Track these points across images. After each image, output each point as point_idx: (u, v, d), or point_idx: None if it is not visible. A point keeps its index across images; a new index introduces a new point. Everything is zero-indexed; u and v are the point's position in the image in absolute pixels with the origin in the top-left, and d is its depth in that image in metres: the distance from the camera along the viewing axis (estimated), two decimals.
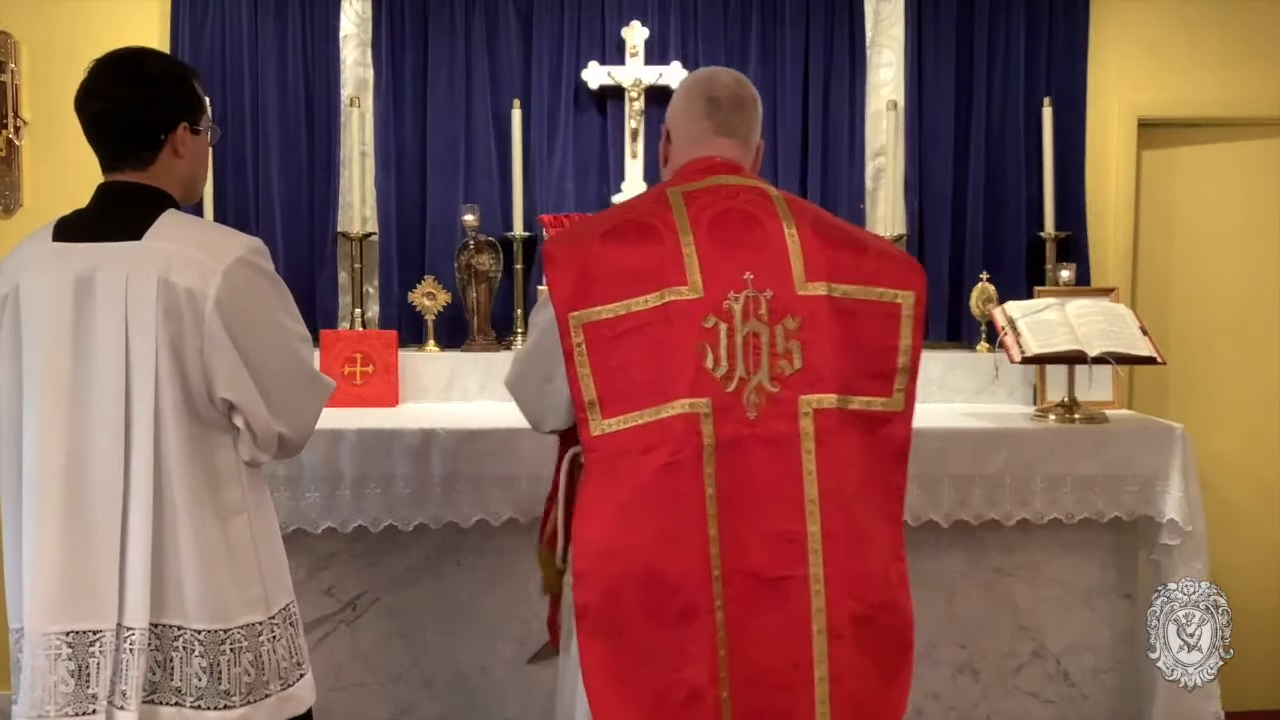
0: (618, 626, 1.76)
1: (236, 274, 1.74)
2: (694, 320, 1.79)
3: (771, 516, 1.77)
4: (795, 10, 3.58)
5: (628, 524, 1.77)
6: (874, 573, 1.82)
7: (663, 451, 1.76)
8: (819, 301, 1.82)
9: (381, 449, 2.85)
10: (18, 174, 3.52)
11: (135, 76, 1.81)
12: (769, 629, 1.76)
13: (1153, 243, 3.76)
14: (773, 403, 1.79)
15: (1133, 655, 3.10)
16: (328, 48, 3.54)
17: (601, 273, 1.82)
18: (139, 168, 1.81)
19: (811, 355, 1.81)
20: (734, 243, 1.84)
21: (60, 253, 1.75)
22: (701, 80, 2.07)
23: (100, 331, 1.71)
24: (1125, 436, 2.99)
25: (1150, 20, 3.67)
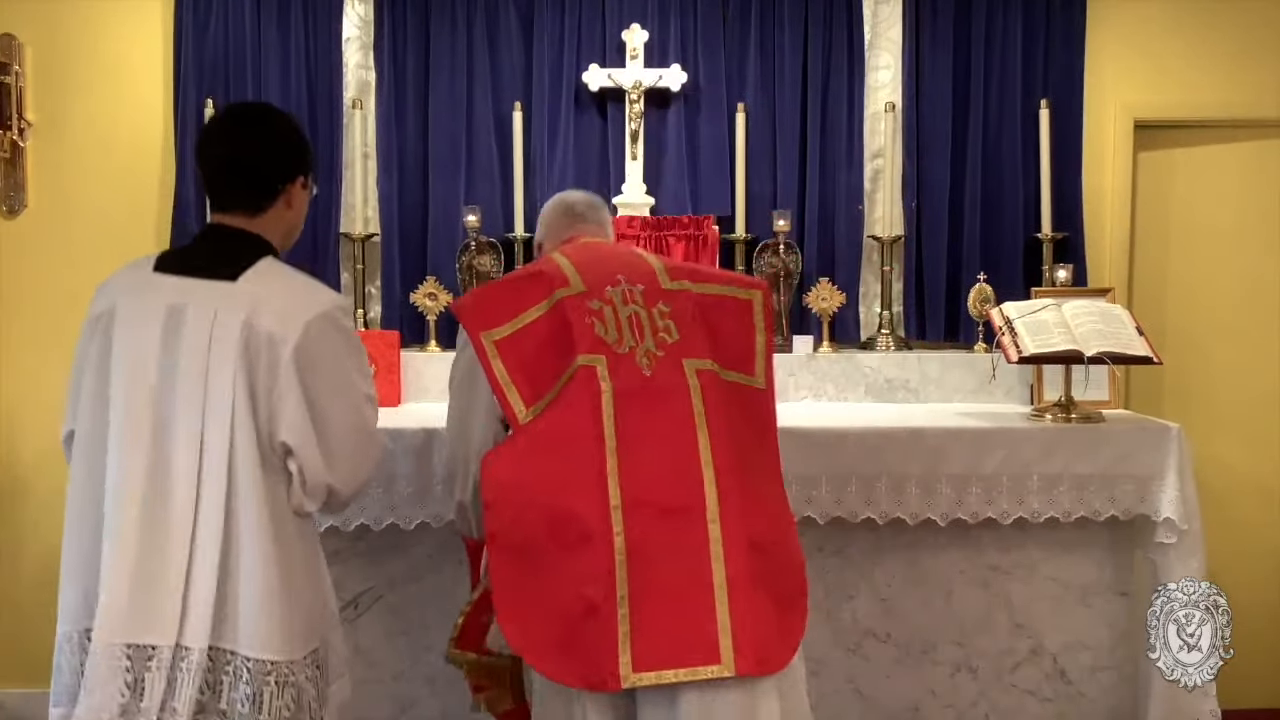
0: (524, 549, 1.95)
1: (318, 326, 1.81)
2: (582, 305, 2.07)
3: (669, 453, 1.97)
4: (794, 13, 3.60)
5: (532, 460, 1.99)
6: (766, 511, 2.03)
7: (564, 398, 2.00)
8: (684, 294, 2.13)
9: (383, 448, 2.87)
10: (22, 175, 3.54)
11: (266, 129, 1.90)
12: (669, 552, 1.91)
13: (1149, 243, 3.78)
14: (661, 363, 2.05)
15: (1130, 653, 3.11)
16: (330, 50, 3.56)
17: (497, 302, 2.13)
18: (250, 214, 1.88)
19: (684, 331, 2.09)
20: (603, 259, 2.20)
21: (158, 282, 1.83)
22: (556, 200, 2.47)
23: (184, 361, 1.78)
24: (1122, 436, 3.01)
25: (1147, 22, 3.69)
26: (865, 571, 3.09)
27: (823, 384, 3.46)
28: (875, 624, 3.10)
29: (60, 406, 3.43)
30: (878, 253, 3.65)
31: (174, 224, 3.49)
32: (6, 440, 3.56)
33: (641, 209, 3.54)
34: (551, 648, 1.90)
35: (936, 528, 2.99)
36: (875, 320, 3.65)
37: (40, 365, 3.54)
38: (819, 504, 2.93)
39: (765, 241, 3.56)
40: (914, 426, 2.98)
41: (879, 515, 2.95)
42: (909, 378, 3.47)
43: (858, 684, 3.10)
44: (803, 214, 3.61)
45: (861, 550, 3.08)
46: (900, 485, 2.94)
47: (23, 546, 3.53)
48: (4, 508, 3.55)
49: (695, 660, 1.86)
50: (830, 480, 2.93)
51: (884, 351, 3.53)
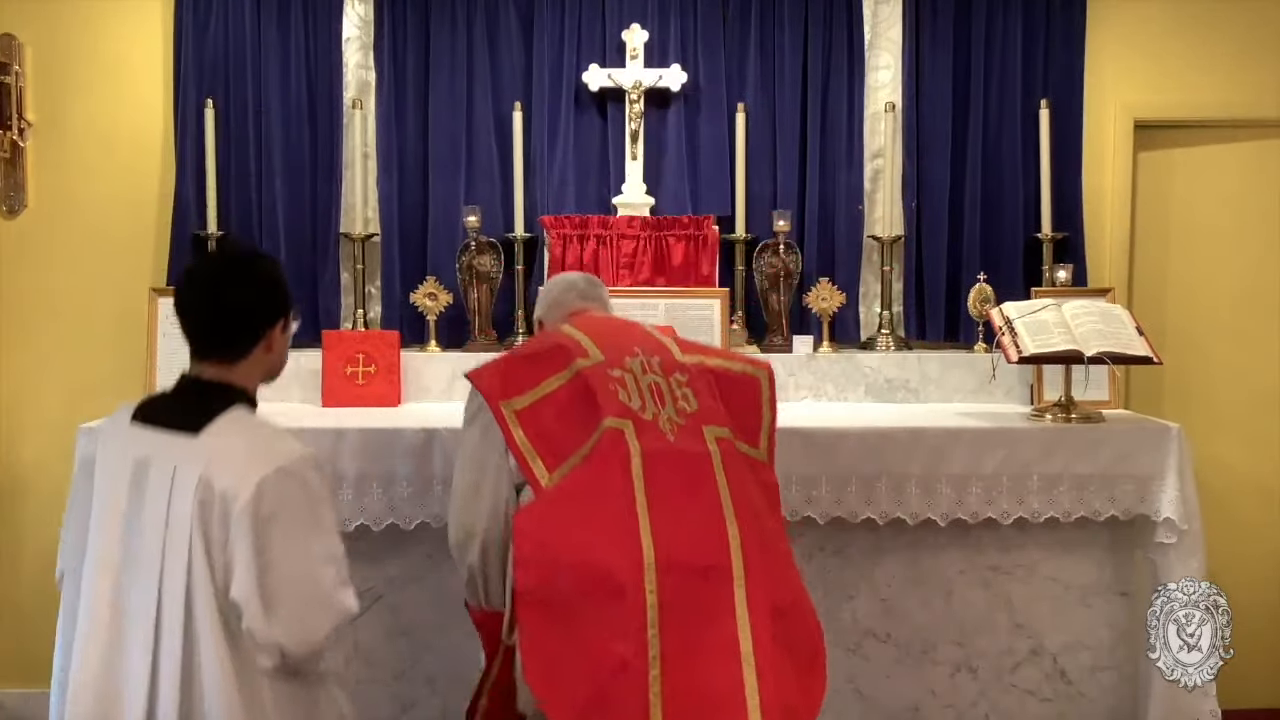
0: (555, 606, 1.95)
1: (272, 482, 1.75)
2: (603, 373, 2.14)
3: (697, 515, 2.01)
4: (794, 13, 3.60)
5: (564, 517, 2.01)
6: (784, 576, 2.09)
7: (594, 458, 2.04)
8: (699, 367, 2.24)
9: (383, 448, 2.88)
10: (22, 175, 3.54)
11: (244, 280, 1.88)
12: (699, 613, 1.93)
13: (1149, 243, 3.78)
14: (683, 430, 2.12)
15: (1130, 653, 3.11)
16: (330, 50, 3.56)
17: (517, 372, 2.18)
18: (227, 362, 1.88)
19: (703, 400, 2.18)
20: (618, 333, 2.28)
21: (131, 434, 1.87)
22: (559, 279, 2.59)
23: (147, 514, 1.80)
24: (1121, 436, 3.01)
25: (1147, 23, 3.69)
26: (865, 571, 3.09)
27: (823, 384, 3.46)
28: (875, 624, 3.10)
29: (60, 407, 3.46)
30: (878, 253, 3.65)
31: (174, 224, 3.49)
32: (6, 440, 3.56)
33: (641, 209, 3.54)
34: (580, 706, 1.88)
35: (936, 528, 2.99)
36: (875, 320, 3.65)
37: (40, 365, 3.54)
38: (819, 504, 2.93)
39: (765, 241, 3.56)
40: (914, 426, 2.98)
41: (879, 515, 2.95)
42: (909, 378, 3.47)
43: (858, 684, 3.10)
44: (803, 214, 3.62)
45: (861, 550, 3.08)
46: (900, 485, 2.94)
47: (23, 546, 3.53)
48: (4, 508, 3.55)
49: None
50: (830, 480, 2.93)
51: (884, 351, 3.53)
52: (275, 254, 3.49)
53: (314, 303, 3.56)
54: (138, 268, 3.53)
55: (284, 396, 3.38)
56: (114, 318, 3.52)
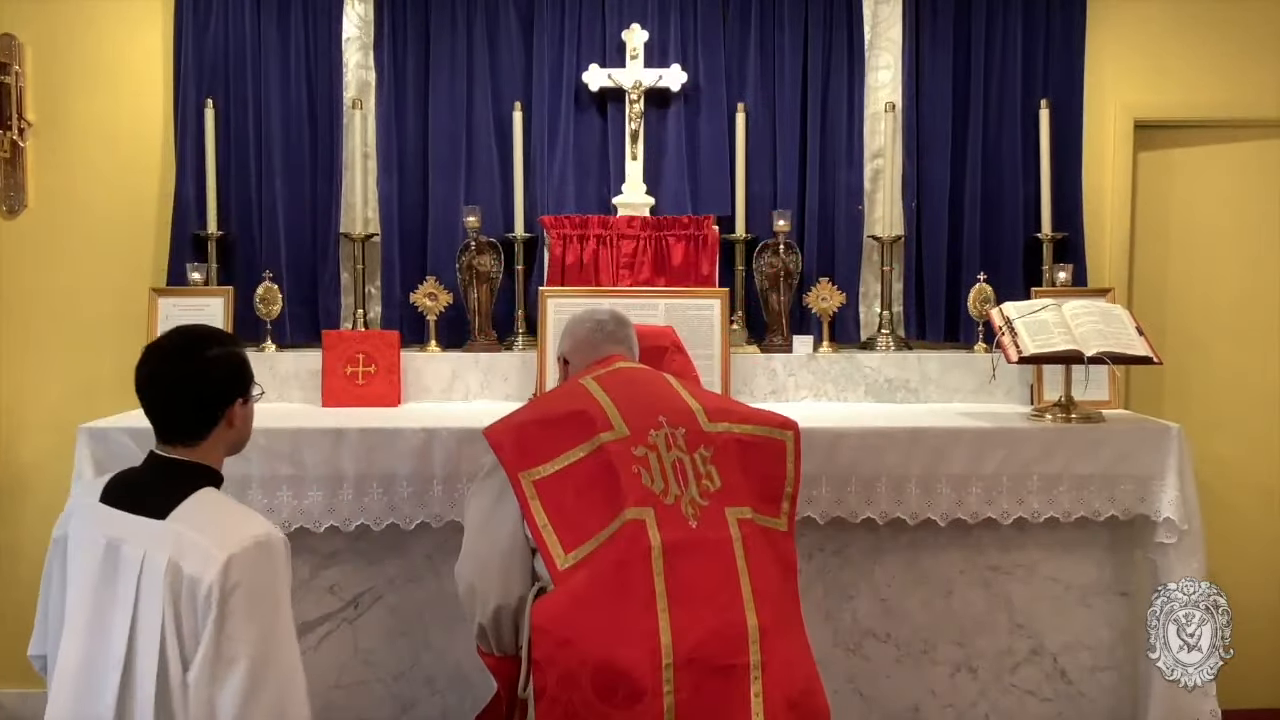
0: (572, 707, 1.94)
1: (236, 566, 1.77)
2: (627, 451, 2.10)
3: (717, 610, 1.99)
4: (794, 13, 3.60)
5: (581, 615, 1.98)
6: (801, 661, 2.08)
7: (614, 551, 2.01)
8: (726, 437, 2.18)
9: (384, 448, 2.88)
10: (22, 175, 3.54)
11: (194, 363, 1.90)
12: (718, 708, 1.93)
13: (1149, 244, 3.78)
14: (705, 513, 2.07)
15: (1130, 653, 3.11)
16: (330, 50, 3.56)
17: (538, 440, 2.14)
18: (191, 443, 1.92)
19: (726, 476, 2.13)
20: (643, 397, 2.22)
21: (101, 514, 1.89)
22: (583, 315, 2.51)
23: (119, 595, 1.83)
24: (1121, 436, 3.01)
25: (1147, 23, 3.69)
26: (865, 571, 3.09)
27: (823, 384, 3.46)
28: (875, 624, 3.10)
29: (60, 407, 3.46)
30: (878, 253, 3.65)
31: (174, 224, 3.49)
32: (6, 440, 3.56)
33: (641, 209, 3.54)
34: None
35: (936, 528, 2.99)
36: (875, 320, 3.65)
37: (40, 365, 3.54)
38: (819, 504, 2.93)
39: (765, 241, 3.56)
40: (914, 426, 2.98)
41: (879, 515, 2.95)
42: (909, 378, 3.47)
43: (858, 684, 3.10)
44: (803, 214, 3.61)
45: (861, 550, 3.08)
46: (900, 485, 2.94)
47: (22, 547, 3.53)
48: (4, 508, 3.55)
49: None
50: (830, 480, 2.93)
51: (884, 351, 3.53)
52: (275, 253, 3.50)
53: (314, 303, 3.56)
54: (138, 268, 3.53)
55: (284, 397, 3.39)
56: (114, 318, 3.52)
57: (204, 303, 3.35)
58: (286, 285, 3.49)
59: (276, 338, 3.48)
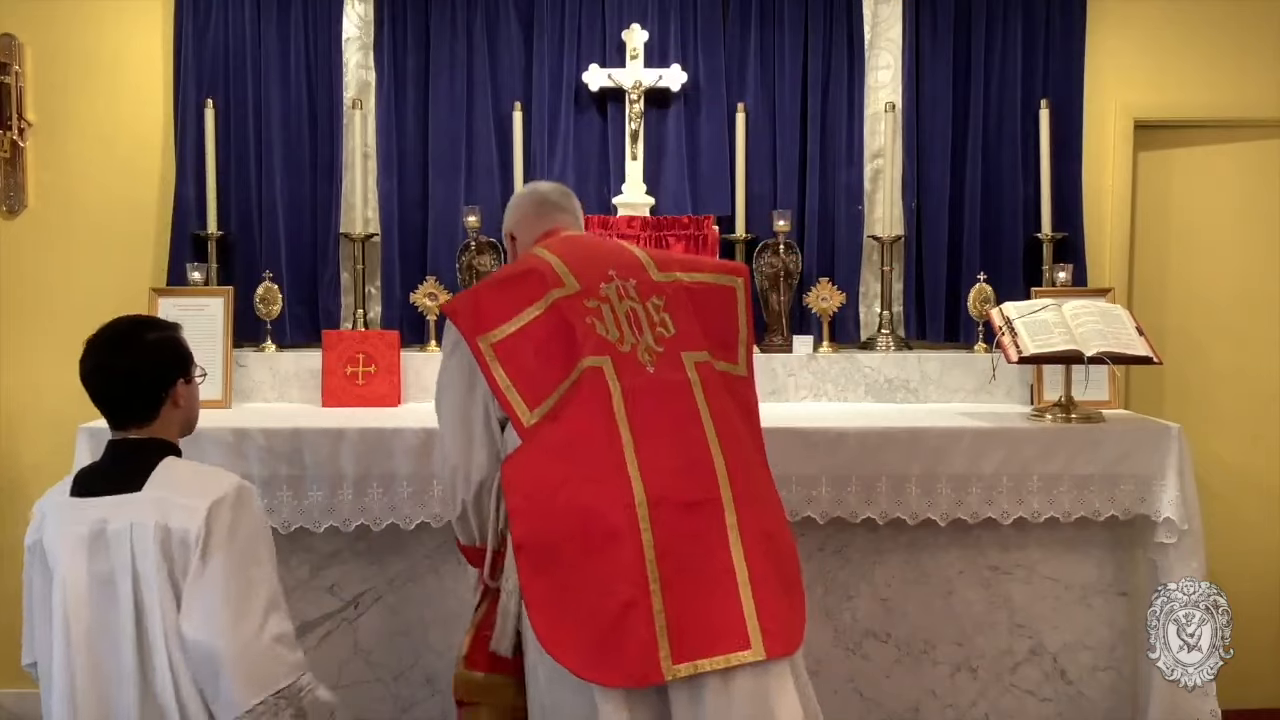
0: (554, 554, 1.96)
1: (218, 512, 1.93)
2: (578, 304, 2.11)
3: (683, 448, 2.02)
4: (794, 13, 3.60)
5: (552, 464, 2.01)
6: (767, 499, 2.12)
7: (576, 400, 2.04)
8: (675, 286, 2.20)
9: (383, 448, 2.88)
10: (22, 175, 3.54)
11: (131, 350, 2.02)
12: (694, 545, 1.96)
13: (1149, 244, 3.78)
14: (662, 359, 2.10)
15: (1129, 653, 3.11)
16: (330, 50, 3.56)
17: (493, 304, 2.13)
18: (143, 424, 2.03)
19: (680, 324, 2.15)
20: (592, 254, 2.23)
21: (75, 507, 1.98)
22: (528, 191, 2.50)
23: (115, 568, 1.92)
24: (1121, 436, 3.01)
25: (1147, 22, 3.69)
26: (865, 571, 3.09)
27: (823, 384, 3.46)
28: (875, 624, 3.10)
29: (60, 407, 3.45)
30: (878, 253, 3.65)
31: (174, 224, 3.49)
32: (7, 440, 3.56)
33: (641, 209, 3.54)
34: (590, 650, 1.90)
35: (936, 528, 2.99)
36: (875, 320, 3.65)
37: (40, 365, 3.54)
38: (819, 504, 2.93)
39: (765, 241, 3.56)
40: (914, 426, 2.98)
41: (879, 515, 2.95)
42: (909, 378, 3.47)
43: (858, 684, 3.10)
44: (803, 214, 3.61)
45: (861, 550, 3.08)
46: (900, 485, 2.95)
47: (22, 546, 3.52)
48: (4, 508, 3.55)
49: (728, 647, 1.91)
50: (830, 480, 2.93)
51: (884, 351, 3.53)
52: (275, 253, 3.50)
53: (314, 303, 3.56)
54: (138, 268, 3.53)
55: (284, 397, 3.39)
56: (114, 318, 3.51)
57: (204, 303, 3.35)
58: (286, 285, 3.49)
59: (276, 338, 3.48)
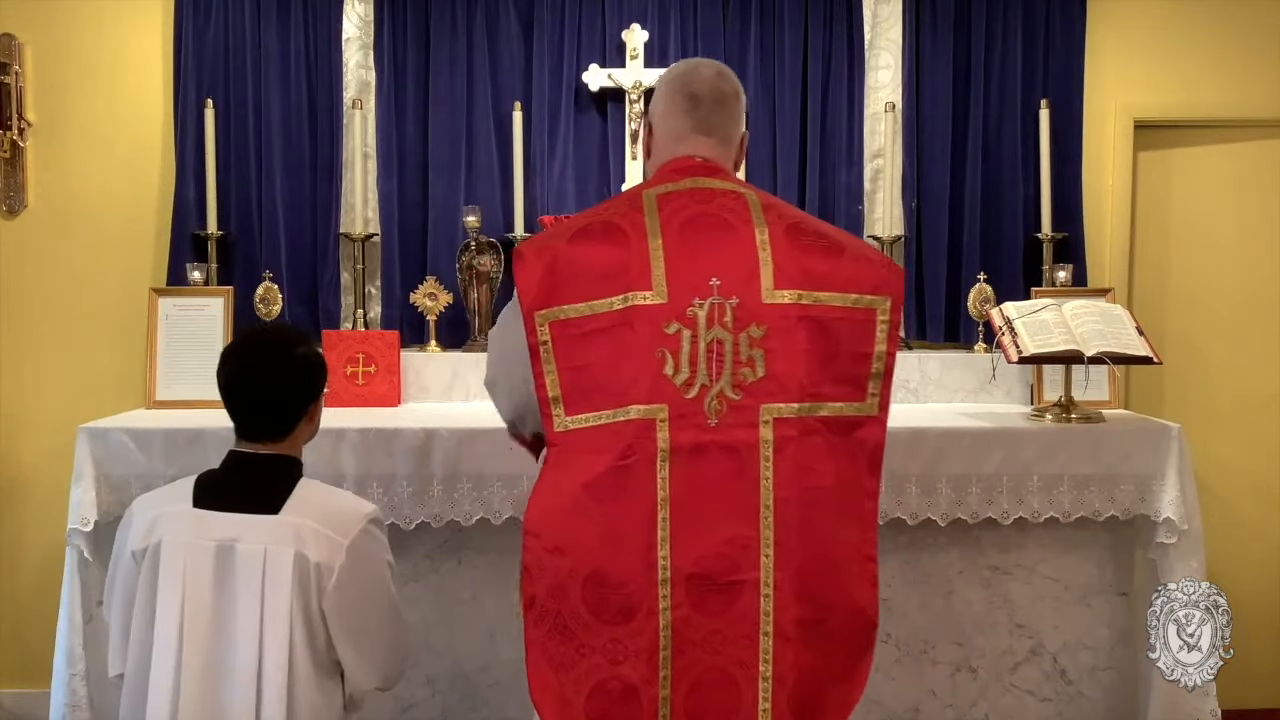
0: (562, 619, 1.79)
1: (359, 545, 1.96)
2: (655, 325, 1.78)
3: (727, 522, 1.77)
4: (794, 13, 3.60)
5: (577, 522, 1.78)
6: (829, 575, 1.81)
7: (614, 453, 1.77)
8: (787, 309, 1.81)
9: (383, 448, 2.88)
10: (22, 175, 3.54)
11: (282, 365, 1.98)
12: (719, 630, 1.76)
13: (1149, 244, 3.78)
14: (734, 410, 1.78)
15: (1130, 653, 3.12)
16: (330, 50, 3.56)
17: (568, 272, 1.82)
18: (277, 440, 2.00)
19: (775, 364, 1.80)
20: (703, 248, 1.83)
21: (201, 519, 1.93)
22: (682, 75, 2.02)
23: (241, 592, 1.90)
24: (1122, 436, 3.01)
25: (1147, 22, 3.69)
26: None
27: None
28: None
29: (60, 407, 3.45)
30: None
31: (174, 224, 3.49)
32: (7, 440, 3.56)
33: None
34: None
35: (936, 528, 2.99)
36: None
37: (40, 365, 3.54)
38: None
39: None
40: (914, 426, 2.98)
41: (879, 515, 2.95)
42: (909, 378, 3.46)
43: None
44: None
45: None
46: (900, 485, 2.94)
47: (22, 547, 3.53)
48: (4, 508, 3.55)
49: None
50: None
51: None
52: (275, 253, 3.50)
53: (314, 303, 3.56)
54: (138, 268, 3.53)
55: None
56: (114, 318, 3.52)
57: (204, 303, 3.35)
58: (286, 285, 3.48)
59: None
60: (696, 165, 1.94)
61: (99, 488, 2.86)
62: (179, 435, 2.86)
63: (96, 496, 2.84)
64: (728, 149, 2.00)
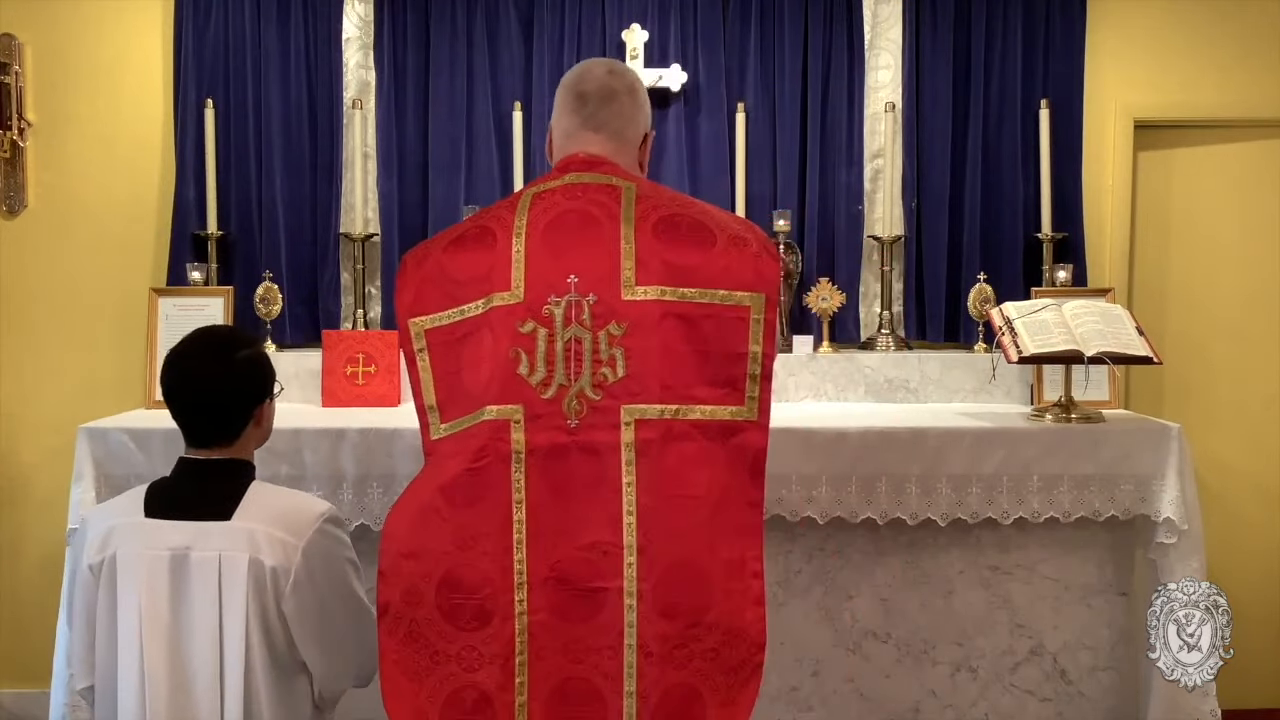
0: (416, 626, 1.74)
1: (313, 549, 1.91)
2: (510, 324, 1.74)
3: (588, 527, 1.70)
4: (794, 13, 3.60)
5: (429, 526, 1.74)
6: (702, 592, 1.72)
7: (468, 455, 1.73)
8: (649, 306, 1.74)
9: (383, 448, 2.88)
10: (22, 175, 3.54)
11: (223, 368, 1.94)
12: (581, 638, 1.70)
13: (1149, 243, 3.78)
14: (594, 411, 1.72)
15: (1130, 653, 3.11)
16: (330, 50, 3.56)
17: (440, 279, 1.83)
18: (226, 444, 1.96)
19: (636, 364, 1.73)
20: (564, 246, 1.78)
21: (153, 529, 1.89)
22: (572, 74, 1.98)
23: (197, 599, 1.87)
24: (1122, 436, 3.01)
25: (1147, 22, 3.69)
26: (865, 571, 3.09)
27: (823, 384, 3.46)
28: (875, 624, 3.10)
29: (60, 407, 3.45)
30: (878, 253, 3.65)
31: (174, 224, 3.49)
32: (7, 440, 3.56)
33: None
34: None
35: (936, 528, 2.99)
36: (875, 320, 3.65)
37: (40, 365, 3.54)
38: (819, 504, 2.93)
39: None
40: (914, 426, 2.98)
41: (879, 515, 2.95)
42: (909, 378, 3.47)
43: (858, 684, 3.10)
44: (803, 214, 3.61)
45: (861, 550, 3.08)
46: (900, 485, 2.94)
47: (22, 547, 3.53)
48: (4, 508, 3.55)
49: None
50: (830, 480, 2.93)
51: (884, 351, 3.53)
52: (275, 253, 3.50)
53: (314, 303, 3.56)
54: (138, 268, 3.53)
55: (284, 397, 3.37)
56: (114, 318, 3.52)
57: (204, 303, 3.35)
58: (286, 285, 3.49)
59: (276, 338, 3.48)
60: (578, 161, 1.89)
61: (99, 488, 2.86)
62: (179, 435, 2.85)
63: (96, 496, 2.84)
64: (620, 145, 1.93)
